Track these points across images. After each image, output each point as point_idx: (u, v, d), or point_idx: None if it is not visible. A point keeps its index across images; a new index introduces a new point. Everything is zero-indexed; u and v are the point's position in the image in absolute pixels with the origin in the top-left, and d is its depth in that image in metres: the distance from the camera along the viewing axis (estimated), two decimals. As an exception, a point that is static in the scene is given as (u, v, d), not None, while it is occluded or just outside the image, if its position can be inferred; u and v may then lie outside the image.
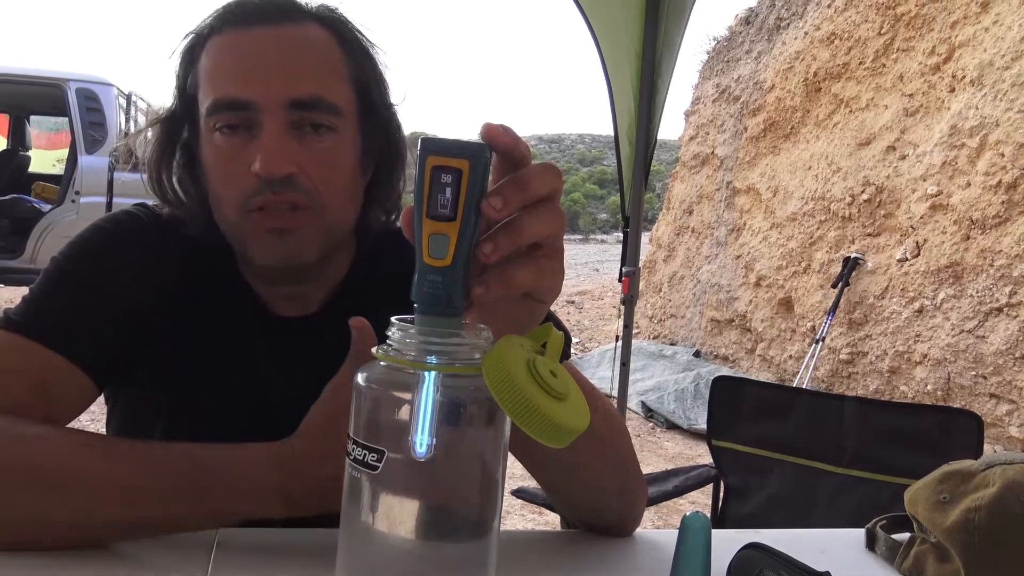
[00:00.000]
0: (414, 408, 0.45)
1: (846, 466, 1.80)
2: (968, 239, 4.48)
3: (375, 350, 0.48)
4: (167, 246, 0.87)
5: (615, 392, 3.05)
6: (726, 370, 6.33)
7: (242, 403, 0.85)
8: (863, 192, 5.39)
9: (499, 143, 0.49)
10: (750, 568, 0.67)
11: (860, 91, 5.65)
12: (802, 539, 0.89)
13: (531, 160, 0.51)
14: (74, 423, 0.80)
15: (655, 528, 2.65)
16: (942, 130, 4.75)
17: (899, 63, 5.32)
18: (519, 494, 1.90)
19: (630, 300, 3.06)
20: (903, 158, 5.12)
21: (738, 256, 6.90)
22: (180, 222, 0.87)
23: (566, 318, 9.58)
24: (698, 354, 7.16)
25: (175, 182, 0.86)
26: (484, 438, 0.48)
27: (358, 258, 0.92)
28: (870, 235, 5.34)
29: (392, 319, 0.48)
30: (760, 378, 5.75)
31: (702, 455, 4.38)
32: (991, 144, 4.37)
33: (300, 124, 0.79)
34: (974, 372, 4.33)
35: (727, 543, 0.69)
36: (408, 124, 0.90)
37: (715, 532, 0.64)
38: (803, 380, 5.10)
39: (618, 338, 3.13)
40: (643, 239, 3.33)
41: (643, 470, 0.89)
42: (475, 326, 0.48)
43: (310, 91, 0.78)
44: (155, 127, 0.86)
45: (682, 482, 2.02)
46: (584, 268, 15.92)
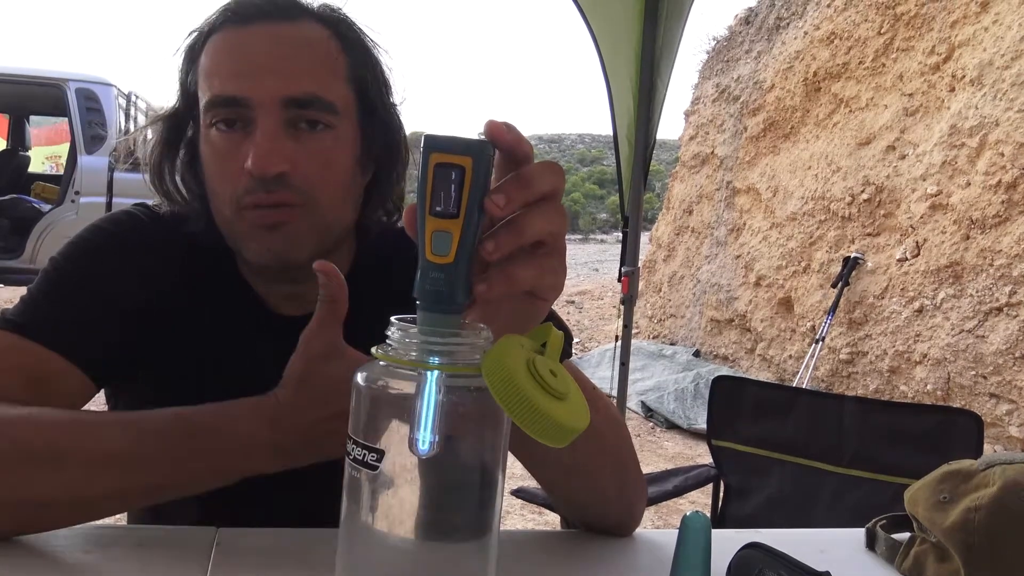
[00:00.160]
0: (415, 408, 0.45)
1: (846, 466, 1.80)
2: (968, 239, 4.48)
3: (375, 350, 0.47)
4: (166, 246, 0.87)
5: (615, 392, 3.05)
6: (726, 370, 6.33)
7: None
8: (863, 192, 5.39)
9: (502, 141, 0.49)
10: (750, 568, 0.67)
11: (860, 91, 5.65)
12: (802, 539, 0.89)
13: (533, 158, 0.51)
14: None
15: (655, 528, 2.65)
16: (942, 130, 4.75)
17: (899, 63, 5.32)
18: (519, 494, 1.90)
19: (630, 300, 3.05)
20: (903, 158, 5.12)
21: (738, 256, 6.90)
22: (180, 221, 0.87)
23: (566, 318, 9.56)
24: (698, 354, 7.16)
25: (178, 179, 0.86)
26: (484, 438, 0.48)
27: (359, 257, 0.92)
28: (870, 235, 5.34)
29: (392, 319, 0.48)
30: (760, 378, 5.75)
31: (702, 455, 4.38)
32: (991, 144, 4.37)
33: (295, 122, 0.79)
34: (974, 372, 4.33)
35: (727, 543, 0.69)
36: (409, 123, 0.90)
37: (715, 532, 0.64)
38: (803, 380, 5.10)
39: (618, 338, 3.12)
40: (643, 239, 3.33)
41: (643, 470, 0.89)
42: (475, 325, 0.48)
43: (305, 89, 0.78)
44: (158, 124, 0.86)
45: (682, 482, 2.03)
46: (584, 268, 15.92)
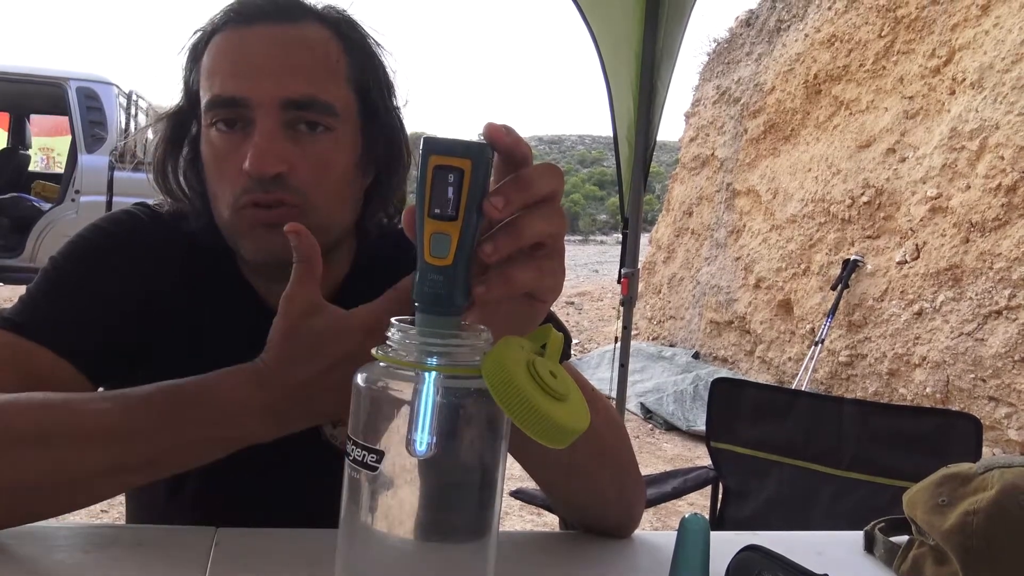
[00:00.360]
0: (414, 409, 0.45)
1: (845, 468, 1.80)
2: (968, 242, 4.48)
3: (375, 351, 0.47)
4: (166, 245, 0.87)
5: (614, 393, 3.05)
6: (725, 372, 6.33)
7: None
8: (863, 194, 5.39)
9: (501, 143, 0.49)
10: (749, 570, 0.67)
11: (860, 93, 5.65)
12: (801, 541, 0.90)
13: (532, 161, 0.51)
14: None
15: (654, 530, 2.64)
16: (942, 133, 4.75)
17: (899, 65, 5.32)
18: (518, 495, 1.90)
19: (629, 301, 3.05)
20: (903, 160, 5.12)
21: (737, 258, 6.90)
22: (180, 221, 0.87)
23: (565, 319, 9.59)
24: (697, 356, 7.16)
25: (180, 178, 0.86)
26: (483, 439, 0.48)
27: (358, 258, 0.93)
28: (870, 237, 5.34)
29: (391, 320, 0.48)
30: (759, 380, 5.75)
31: (701, 457, 4.38)
32: (991, 147, 4.37)
33: (294, 123, 0.79)
34: (973, 375, 4.33)
35: (726, 545, 0.69)
36: (409, 124, 0.90)
37: (714, 534, 0.64)
38: (802, 382, 5.09)
39: (617, 339, 3.12)
40: (642, 240, 3.33)
41: (642, 471, 0.89)
42: (474, 327, 0.48)
43: (304, 91, 0.78)
44: (161, 123, 0.86)
45: (681, 484, 2.03)
46: (583, 269, 15.92)
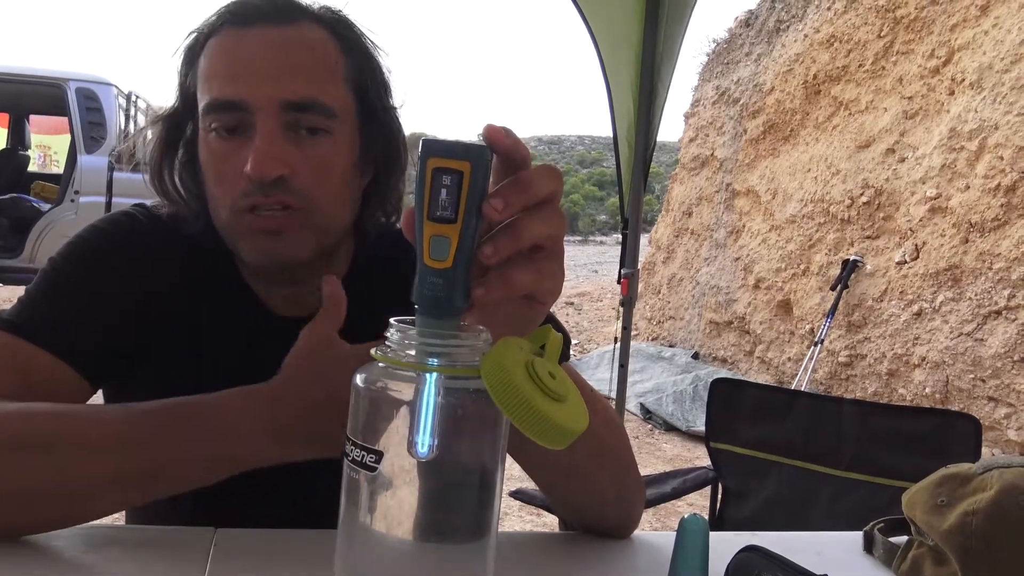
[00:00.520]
0: (414, 410, 0.45)
1: (844, 469, 1.80)
2: (967, 242, 4.48)
3: (374, 351, 0.47)
4: (165, 247, 0.87)
5: (614, 394, 3.05)
6: (725, 372, 6.33)
7: None
8: (862, 195, 5.39)
9: (500, 145, 0.49)
10: (748, 570, 0.67)
11: (859, 94, 5.65)
12: (800, 541, 0.90)
13: (531, 162, 0.51)
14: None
15: (653, 530, 2.64)
16: (941, 133, 4.75)
17: (899, 66, 5.32)
18: (517, 495, 1.90)
19: (629, 302, 3.05)
20: (902, 161, 5.12)
21: (737, 258, 6.90)
22: (179, 222, 0.87)
23: (565, 319, 9.59)
24: (697, 356, 7.16)
25: (176, 180, 0.86)
26: (482, 440, 0.48)
27: (357, 258, 0.93)
28: (869, 237, 5.34)
29: (391, 320, 0.48)
30: (759, 380, 5.75)
31: (700, 457, 4.38)
32: (990, 147, 4.37)
33: (294, 126, 0.79)
34: (972, 375, 4.33)
35: (725, 545, 0.69)
36: (408, 125, 0.90)
37: (713, 534, 0.64)
38: (802, 382, 5.09)
39: (617, 340, 3.12)
40: (642, 241, 3.32)
41: (641, 472, 0.90)
42: (474, 328, 0.48)
43: (304, 93, 0.78)
44: (157, 125, 0.86)
45: (680, 484, 2.03)
46: (583, 269, 15.93)
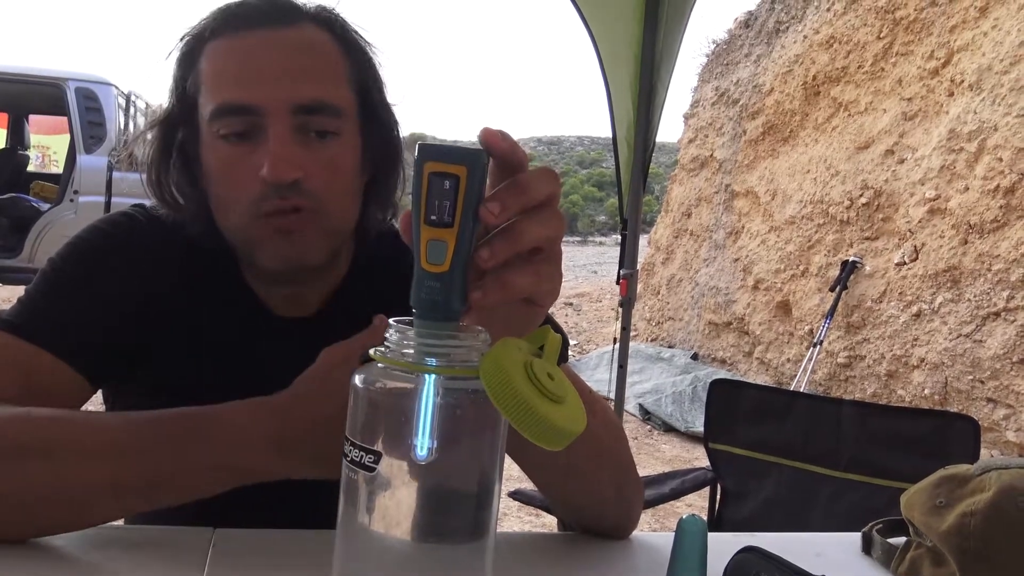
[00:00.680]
0: (414, 411, 0.45)
1: (843, 470, 1.80)
2: (966, 243, 4.48)
3: (373, 352, 0.48)
4: (165, 247, 0.87)
5: (613, 394, 3.05)
6: (724, 373, 6.33)
7: None
8: (861, 196, 5.39)
9: (497, 149, 0.49)
10: (746, 571, 0.67)
11: (859, 95, 5.65)
12: (798, 542, 0.90)
13: (529, 165, 0.51)
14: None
15: (652, 531, 2.65)
16: (940, 134, 4.76)
17: (898, 67, 5.32)
18: (516, 496, 1.90)
19: (628, 302, 3.05)
20: (901, 162, 5.12)
21: (736, 259, 6.90)
22: (178, 223, 0.87)
23: (564, 320, 9.58)
24: (696, 357, 7.16)
25: (172, 185, 0.86)
26: (481, 440, 0.48)
27: (356, 259, 0.93)
28: (868, 239, 5.35)
29: (390, 321, 0.48)
30: (758, 381, 5.76)
31: (699, 458, 4.38)
32: (989, 148, 4.37)
33: (304, 128, 0.79)
34: (971, 376, 4.34)
35: (724, 546, 0.69)
36: (407, 125, 0.90)
37: (711, 535, 0.64)
38: (800, 383, 5.09)
39: (616, 340, 3.12)
40: (641, 241, 3.32)
41: (640, 472, 0.90)
42: (473, 328, 0.48)
43: (314, 95, 0.79)
44: (153, 130, 0.86)
45: (679, 485, 2.03)
46: (582, 270, 15.93)
